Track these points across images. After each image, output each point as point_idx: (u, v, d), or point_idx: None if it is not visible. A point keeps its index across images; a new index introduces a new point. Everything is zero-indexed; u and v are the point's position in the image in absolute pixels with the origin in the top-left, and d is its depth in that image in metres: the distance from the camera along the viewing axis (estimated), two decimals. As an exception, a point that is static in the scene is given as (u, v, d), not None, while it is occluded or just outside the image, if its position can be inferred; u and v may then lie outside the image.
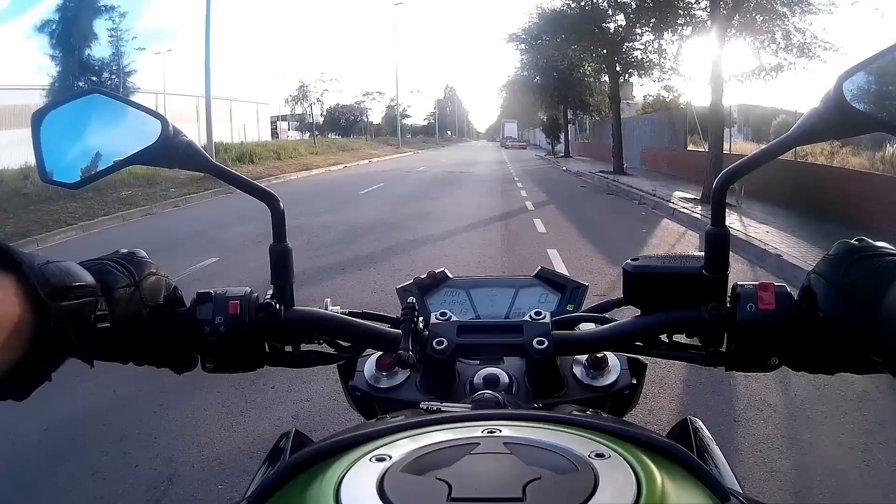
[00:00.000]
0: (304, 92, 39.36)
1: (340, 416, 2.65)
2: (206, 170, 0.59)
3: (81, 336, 0.46)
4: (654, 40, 14.48)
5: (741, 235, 6.66)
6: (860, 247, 0.51)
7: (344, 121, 58.28)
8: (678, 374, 3.10)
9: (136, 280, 0.54)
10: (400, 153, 38.77)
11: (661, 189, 11.56)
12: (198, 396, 2.94)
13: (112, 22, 25.71)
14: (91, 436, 2.62)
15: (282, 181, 17.29)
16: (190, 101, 29.08)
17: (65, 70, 23.92)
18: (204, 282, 5.35)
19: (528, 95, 28.85)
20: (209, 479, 2.30)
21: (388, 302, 3.98)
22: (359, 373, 0.71)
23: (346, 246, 6.97)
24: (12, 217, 9.11)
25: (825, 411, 2.78)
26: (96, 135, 0.58)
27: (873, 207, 7.30)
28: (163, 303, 0.57)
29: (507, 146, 51.00)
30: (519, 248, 6.82)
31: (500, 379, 0.64)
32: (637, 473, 0.35)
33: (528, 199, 11.65)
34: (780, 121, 15.56)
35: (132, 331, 0.53)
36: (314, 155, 26.07)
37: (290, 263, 0.62)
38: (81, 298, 0.45)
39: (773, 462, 2.36)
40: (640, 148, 18.94)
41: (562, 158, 27.96)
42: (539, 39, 18.53)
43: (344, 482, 0.36)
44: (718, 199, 0.57)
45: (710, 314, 0.56)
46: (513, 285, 0.81)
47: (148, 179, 13.00)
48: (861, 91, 0.49)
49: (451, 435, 0.41)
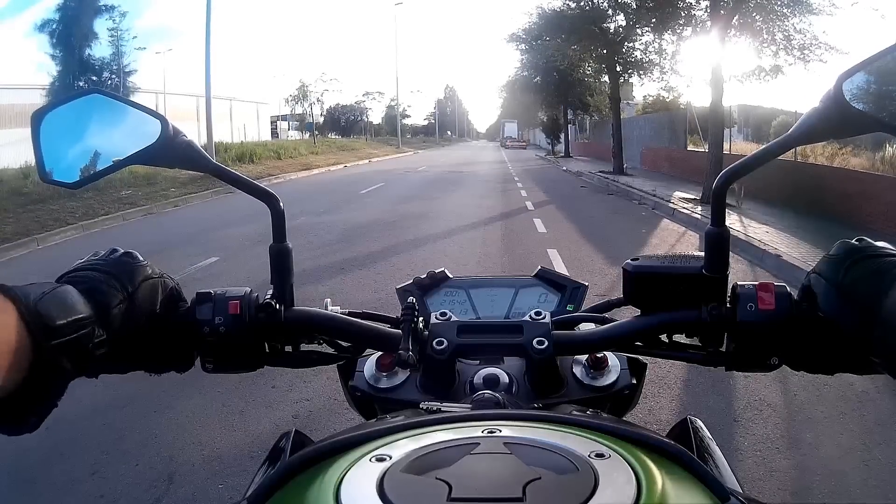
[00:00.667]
0: (304, 92, 39.34)
1: (340, 416, 2.66)
2: (206, 170, 0.59)
3: (81, 364, 0.46)
4: (654, 40, 14.50)
5: (741, 236, 6.66)
6: (861, 247, 0.51)
7: (344, 121, 58.29)
8: (678, 374, 3.10)
9: (130, 292, 0.52)
10: (400, 153, 38.76)
11: (660, 189, 11.56)
12: (198, 396, 2.95)
13: (112, 21, 25.75)
14: (91, 435, 2.63)
15: (282, 181, 17.29)
16: (190, 101, 29.10)
17: (65, 69, 23.93)
18: (204, 281, 5.35)
19: (528, 95, 28.84)
20: (209, 478, 2.30)
21: (388, 302, 3.98)
22: (359, 373, 0.71)
23: (346, 245, 6.97)
24: (12, 216, 9.10)
25: (825, 411, 2.78)
26: (96, 135, 0.58)
27: (873, 208, 7.31)
28: (160, 309, 0.55)
29: (507, 146, 50.96)
30: (519, 248, 6.82)
31: (500, 379, 0.64)
32: (637, 473, 0.35)
33: (528, 199, 11.65)
34: (780, 121, 15.57)
35: (131, 344, 0.52)
36: (314, 155, 26.06)
37: (290, 263, 0.62)
38: (77, 332, 0.45)
39: (773, 462, 2.36)
40: (640, 148, 18.94)
41: (562, 158, 27.96)
42: (539, 39, 18.51)
43: (344, 482, 0.36)
44: (718, 199, 0.57)
45: (710, 314, 0.56)
46: (513, 285, 0.81)
47: (148, 179, 13.00)
48: (861, 91, 0.49)
49: (451, 435, 0.41)
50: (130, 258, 0.55)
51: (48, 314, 0.43)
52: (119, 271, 0.53)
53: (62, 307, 0.44)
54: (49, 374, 0.43)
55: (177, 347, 0.57)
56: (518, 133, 61.33)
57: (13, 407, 0.42)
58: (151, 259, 0.58)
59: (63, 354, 0.43)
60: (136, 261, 0.55)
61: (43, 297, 0.43)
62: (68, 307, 0.45)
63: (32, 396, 0.42)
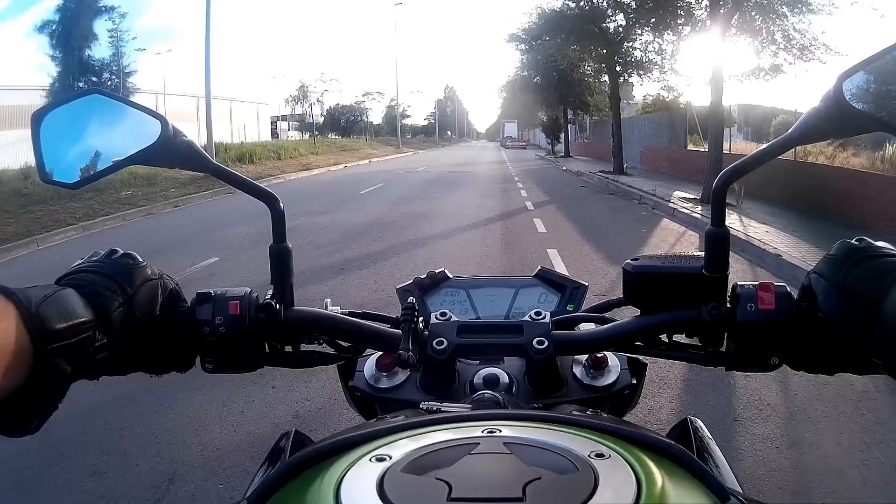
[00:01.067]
0: (304, 92, 39.32)
1: (340, 416, 2.66)
2: (206, 170, 0.59)
3: (81, 367, 0.46)
4: (654, 40, 14.50)
5: (741, 235, 6.65)
6: (861, 247, 0.51)
7: (344, 121, 58.28)
8: (678, 374, 3.10)
9: (129, 295, 0.52)
10: (400, 153, 38.75)
11: (660, 189, 11.56)
12: (198, 395, 2.95)
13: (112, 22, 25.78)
14: (92, 435, 2.63)
15: (282, 181, 17.29)
16: (190, 102, 29.10)
17: (65, 70, 23.95)
18: (205, 281, 5.35)
19: (528, 95, 28.82)
20: (210, 478, 2.30)
21: (388, 302, 3.98)
22: (359, 373, 0.71)
23: (346, 245, 6.97)
24: (13, 217, 9.10)
25: (824, 411, 2.78)
26: (96, 135, 0.57)
27: (873, 207, 7.30)
28: (160, 311, 0.55)
29: (507, 146, 50.98)
30: (519, 248, 6.82)
31: (500, 379, 0.64)
32: (637, 473, 0.35)
33: (528, 199, 11.65)
34: (780, 121, 15.56)
35: (132, 347, 0.52)
36: (314, 155, 26.05)
37: (290, 263, 0.62)
38: (78, 336, 0.45)
39: (773, 461, 2.36)
40: (640, 148, 18.94)
41: (562, 158, 27.96)
42: (539, 39, 18.52)
43: (344, 482, 0.36)
44: (718, 199, 0.57)
45: (710, 314, 0.56)
46: (513, 285, 0.81)
47: (148, 179, 13.00)
48: (861, 91, 0.49)
49: (451, 435, 0.41)
50: (130, 259, 0.55)
51: (49, 318, 0.43)
52: (118, 273, 0.53)
53: (63, 311, 0.45)
54: (49, 377, 0.43)
55: (177, 348, 0.57)
56: (518, 133, 61.35)
57: (14, 409, 0.42)
58: (152, 259, 0.57)
59: (63, 357, 0.44)
60: (135, 262, 0.55)
61: (44, 301, 0.43)
62: (69, 311, 0.45)
63: (33, 399, 0.42)
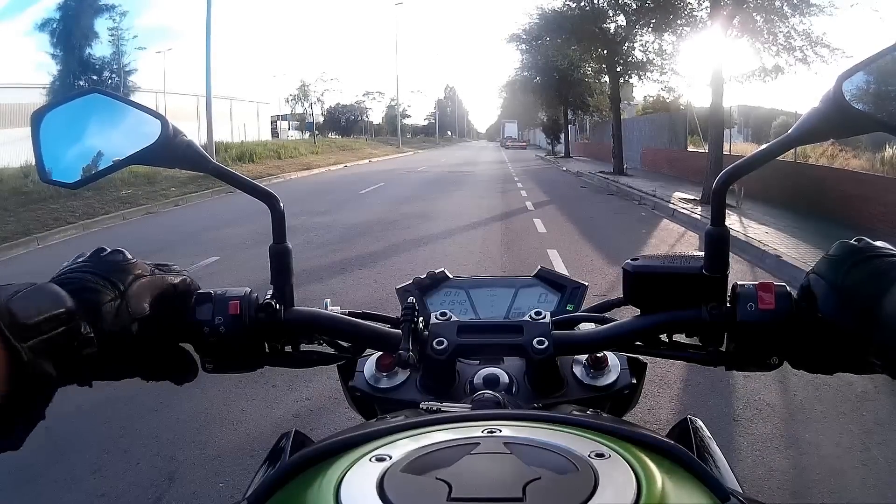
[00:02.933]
0: (304, 91, 39.40)
1: (340, 416, 2.66)
2: (205, 170, 0.59)
3: (67, 367, 0.43)
4: (655, 41, 14.50)
5: (741, 236, 6.66)
6: (860, 247, 0.51)
7: (344, 120, 58.29)
8: (678, 374, 3.10)
9: (122, 290, 0.50)
10: (400, 153, 38.76)
11: (660, 189, 11.56)
12: (199, 395, 2.95)
13: (112, 21, 25.83)
14: (92, 433, 2.63)
15: (282, 181, 17.29)
16: (190, 101, 29.13)
17: (65, 69, 23.97)
18: (204, 280, 5.28)
19: (529, 96, 28.85)
20: (210, 477, 2.30)
21: (388, 302, 3.98)
22: (359, 373, 0.71)
23: (346, 245, 6.97)
24: (13, 216, 9.10)
25: (824, 411, 2.78)
26: (96, 134, 0.57)
27: (873, 208, 7.30)
28: (155, 308, 0.53)
29: (508, 146, 50.97)
30: (519, 248, 6.83)
31: (500, 379, 0.64)
32: (637, 473, 0.35)
33: (528, 199, 11.65)
34: (781, 122, 15.59)
35: (126, 345, 0.49)
36: (314, 154, 26.06)
37: (290, 263, 0.62)
38: (58, 328, 0.42)
39: (773, 461, 2.36)
40: (640, 148, 18.94)
41: (562, 159, 27.95)
42: (539, 40, 18.52)
43: (344, 482, 0.36)
44: (718, 199, 0.57)
45: (710, 314, 0.56)
46: (513, 285, 0.81)
47: (148, 178, 13.00)
48: (861, 91, 0.49)
49: (451, 435, 0.41)
50: (119, 256, 0.53)
51: (23, 312, 0.40)
52: (108, 270, 0.51)
53: (38, 304, 0.42)
54: (31, 380, 0.39)
55: (176, 350, 0.57)
56: (518, 133, 61.35)
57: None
58: (151, 259, 0.57)
59: (46, 357, 0.41)
60: (125, 259, 0.53)
61: (15, 295, 0.41)
62: (46, 303, 0.42)
63: (15, 407, 0.39)
